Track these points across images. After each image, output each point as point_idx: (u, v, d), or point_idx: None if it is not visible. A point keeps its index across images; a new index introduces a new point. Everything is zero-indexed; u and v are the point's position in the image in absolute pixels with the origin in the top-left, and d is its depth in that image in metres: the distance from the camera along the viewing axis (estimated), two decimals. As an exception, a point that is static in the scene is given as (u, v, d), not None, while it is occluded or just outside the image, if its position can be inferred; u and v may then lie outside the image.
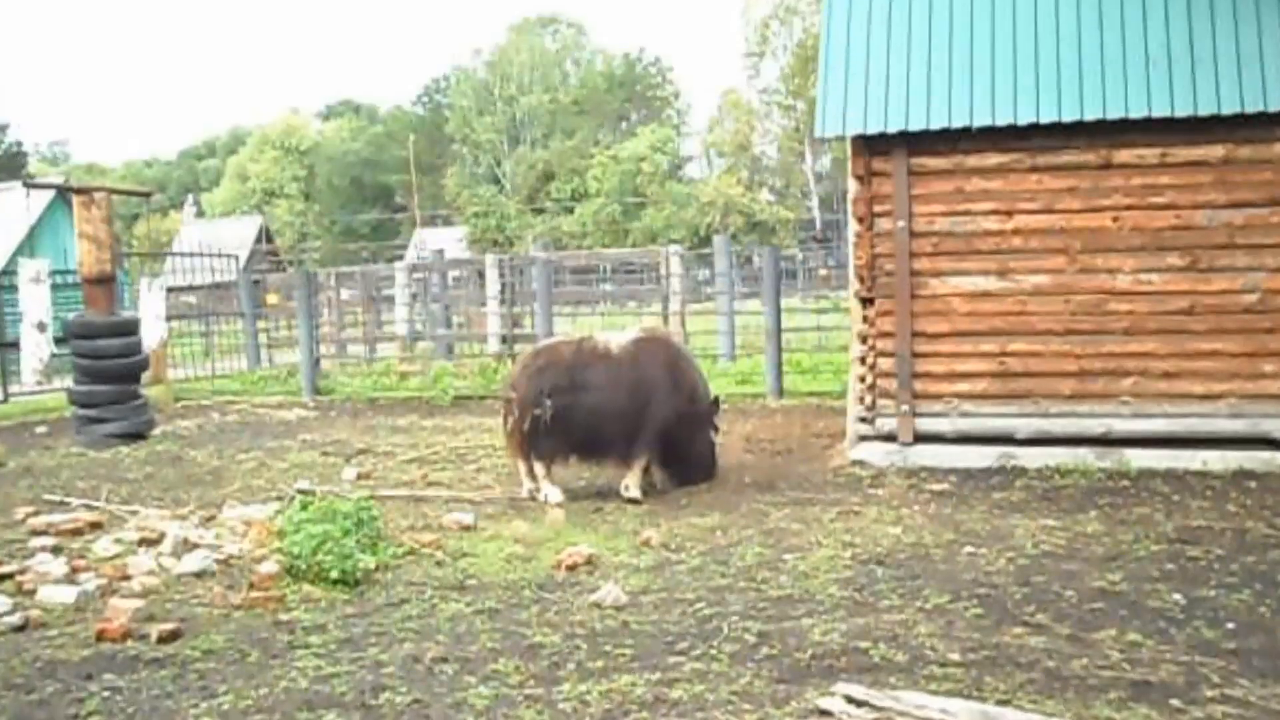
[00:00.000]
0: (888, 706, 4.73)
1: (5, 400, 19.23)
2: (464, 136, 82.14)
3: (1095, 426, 10.40)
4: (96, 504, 9.91)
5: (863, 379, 10.98)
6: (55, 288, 20.52)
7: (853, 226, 11.00)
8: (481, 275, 22.61)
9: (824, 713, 4.88)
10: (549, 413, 9.78)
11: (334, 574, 7.24)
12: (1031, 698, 5.10)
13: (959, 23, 10.75)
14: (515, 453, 10.25)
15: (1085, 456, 10.30)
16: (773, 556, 7.74)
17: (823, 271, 41.13)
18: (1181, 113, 9.89)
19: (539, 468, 10.02)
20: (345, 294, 27.90)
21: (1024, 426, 10.54)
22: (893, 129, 10.47)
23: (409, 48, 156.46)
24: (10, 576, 7.47)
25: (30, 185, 23.15)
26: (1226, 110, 9.81)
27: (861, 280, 10.89)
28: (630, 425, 9.87)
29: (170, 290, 24.64)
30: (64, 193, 25.36)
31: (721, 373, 18.43)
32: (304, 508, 8.10)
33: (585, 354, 10.07)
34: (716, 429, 10.61)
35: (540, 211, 72.56)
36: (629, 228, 68.32)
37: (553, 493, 9.91)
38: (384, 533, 8.13)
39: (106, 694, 5.53)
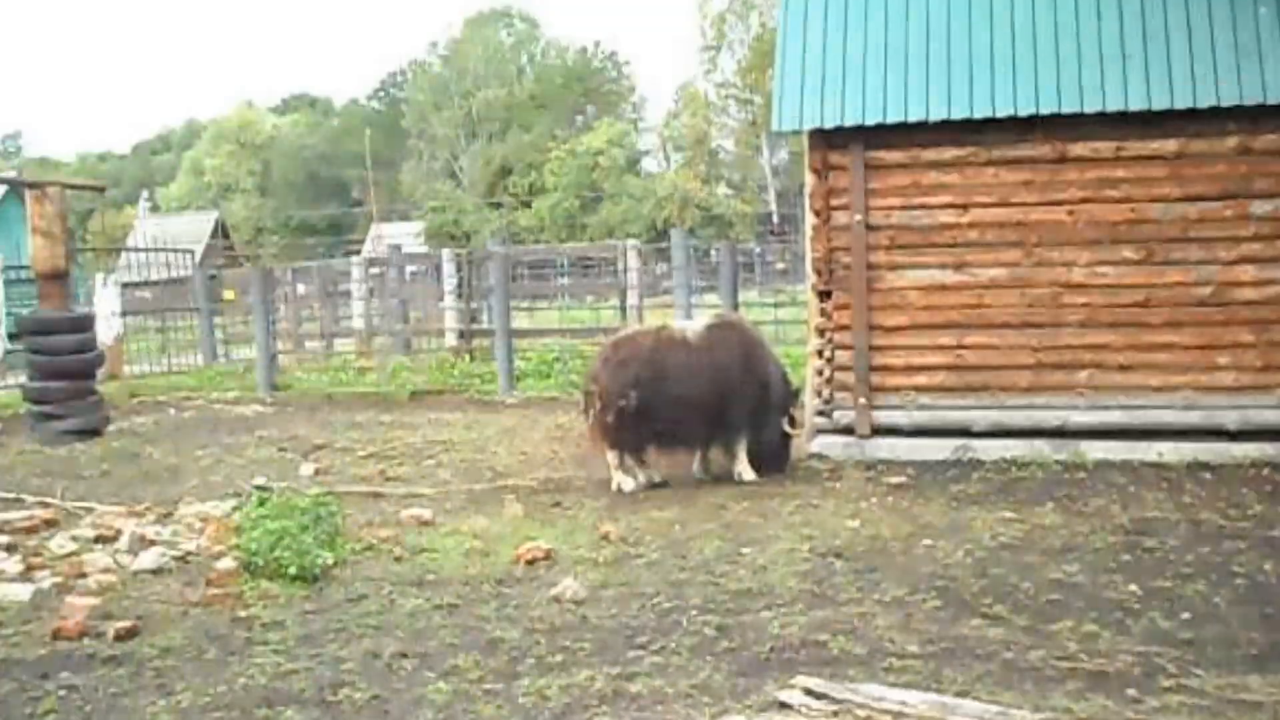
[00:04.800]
0: (846, 699, 4.74)
1: (-42, 397, 19.00)
2: (420, 131, 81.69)
3: (1051, 419, 10.47)
4: (52, 501, 9.79)
5: (820, 372, 11.02)
6: (8, 284, 20.36)
7: (810, 220, 11.03)
8: (439, 270, 22.51)
9: (783, 705, 4.88)
10: (633, 404, 9.87)
11: (292, 570, 7.21)
12: (989, 689, 5.13)
13: (915, 16, 10.78)
14: (599, 445, 10.30)
15: (1042, 448, 10.38)
16: (731, 550, 7.76)
17: (780, 265, 41.08)
18: (1135, 107, 9.98)
19: (615, 457, 10.11)
20: (302, 289, 27.71)
21: (981, 419, 10.60)
22: (849, 123, 10.50)
23: (364, 41, 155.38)
24: (-37, 575, 7.39)
25: (-19, 180, 22.91)
26: (1179, 105, 9.90)
27: (819, 274, 10.92)
28: (709, 413, 10.03)
29: (125, 286, 24.45)
30: (16, 187, 25.18)
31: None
32: (261, 504, 8.07)
33: (664, 343, 10.20)
34: (793, 420, 10.55)
35: (497, 206, 72.23)
36: (586, 222, 68.06)
37: (626, 482, 9.99)
38: (342, 529, 8.10)
39: (63, 692, 5.49)
